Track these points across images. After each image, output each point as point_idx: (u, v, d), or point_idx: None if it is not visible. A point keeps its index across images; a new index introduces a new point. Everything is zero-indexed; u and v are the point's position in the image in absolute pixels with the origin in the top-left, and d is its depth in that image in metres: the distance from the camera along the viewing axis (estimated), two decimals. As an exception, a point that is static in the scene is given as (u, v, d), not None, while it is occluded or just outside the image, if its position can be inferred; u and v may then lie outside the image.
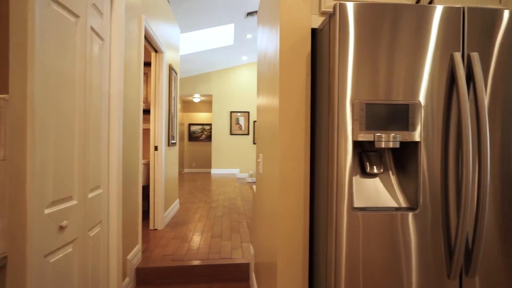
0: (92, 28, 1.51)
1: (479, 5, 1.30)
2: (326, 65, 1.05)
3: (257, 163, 1.91)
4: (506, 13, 1.00)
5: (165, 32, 3.62)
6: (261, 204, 1.80)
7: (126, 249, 2.22)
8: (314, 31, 1.24)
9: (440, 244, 0.96)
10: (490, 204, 0.99)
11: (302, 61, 1.20)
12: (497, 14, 1.00)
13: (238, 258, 2.61)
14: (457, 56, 0.94)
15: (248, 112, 8.81)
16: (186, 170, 10.07)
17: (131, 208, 2.35)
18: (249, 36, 6.55)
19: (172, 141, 4.12)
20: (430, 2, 1.28)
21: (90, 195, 1.52)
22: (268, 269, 1.47)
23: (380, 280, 0.95)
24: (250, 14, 5.49)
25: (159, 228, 3.45)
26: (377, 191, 1.00)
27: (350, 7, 0.95)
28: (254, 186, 2.33)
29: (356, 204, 0.98)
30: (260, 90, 1.88)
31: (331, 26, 1.00)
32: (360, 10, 0.95)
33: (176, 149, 4.48)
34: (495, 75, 1.00)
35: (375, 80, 0.96)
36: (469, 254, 0.95)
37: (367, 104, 0.94)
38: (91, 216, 1.53)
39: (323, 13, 1.24)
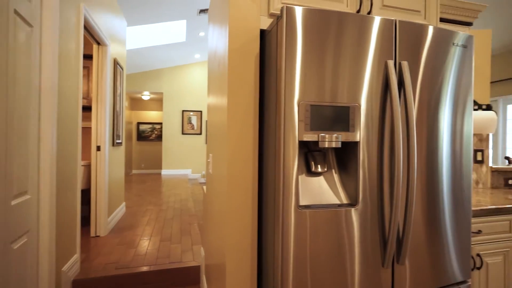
0: (16, 12, 1.33)
1: (408, 19, 1.44)
2: (274, 67, 1.07)
3: (207, 163, 1.88)
4: (430, 29, 1.12)
5: (109, 23, 3.37)
6: (211, 205, 1.77)
7: (61, 260, 2.01)
8: (263, 32, 1.25)
9: (376, 235, 1.04)
10: (418, 198, 1.10)
11: (251, 61, 1.20)
12: (423, 28, 1.11)
13: (189, 261, 2.53)
14: (390, 63, 1.03)
15: (201, 111, 8.64)
16: (134, 172, 9.52)
17: (67, 214, 2.14)
18: (201, 34, 6.43)
19: (118, 141, 3.85)
20: (369, 13, 1.38)
21: (13, 202, 1.34)
22: (218, 270, 1.45)
23: (327, 273, 0.99)
24: (202, 11, 5.39)
25: (101, 235, 3.20)
26: (321, 189, 1.05)
27: (298, 11, 0.98)
28: (205, 187, 2.29)
29: (302, 202, 1.01)
30: (211, 89, 1.85)
31: (278, 28, 1.02)
32: (308, 15, 0.98)
33: (122, 149, 4.20)
34: (422, 82, 1.11)
35: (320, 83, 1.00)
36: (400, 243, 1.05)
37: (311, 105, 0.97)
38: (14, 226, 1.35)
39: (271, 15, 1.26)
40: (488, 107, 2.14)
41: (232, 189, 1.17)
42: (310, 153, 1.07)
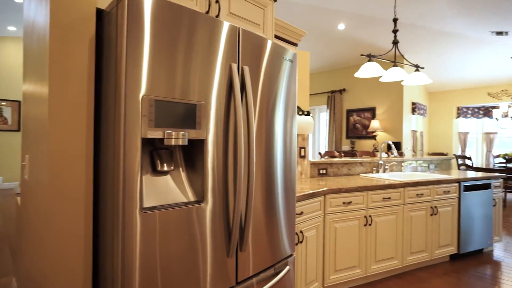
0: None
1: (250, 30, 1.61)
2: (114, 54, 0.94)
3: (23, 166, 1.46)
4: (269, 42, 1.29)
5: None
6: (27, 221, 1.38)
7: None
8: (101, 13, 1.08)
9: (223, 228, 1.09)
10: (258, 189, 1.24)
11: (83, 44, 1.01)
12: (263, 40, 1.26)
13: (-6, 299, 1.90)
14: (234, 67, 1.11)
15: (19, 101, 6.72)
16: None
17: None
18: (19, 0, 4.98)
19: None
20: (217, 16, 1.45)
21: None
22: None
23: (180, 274, 0.95)
24: (19, -28, 4.17)
25: None
26: (168, 189, 1.01)
27: (140, -3, 0.89)
28: (19, 198, 1.77)
29: (147, 204, 0.93)
30: (27, 73, 1.45)
31: (119, 9, 0.90)
32: (158, 5, 0.91)
33: None
34: (263, 87, 1.26)
35: (170, 78, 0.95)
36: (242, 232, 1.15)
37: (156, 100, 0.92)
38: None
39: (111, -5, 1.10)
40: (308, 113, 2.70)
41: (56, 198, 0.95)
42: (156, 151, 1.00)
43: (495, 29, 4.72)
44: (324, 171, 2.81)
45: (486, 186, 2.97)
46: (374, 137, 6.56)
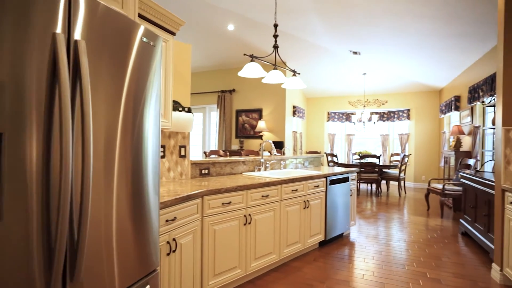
0: None
1: (103, 2, 1.32)
2: None
3: None
4: (123, 17, 1.04)
5: None
6: None
7: None
8: None
9: (40, 253, 0.80)
10: (124, 197, 0.98)
11: None
12: (117, 15, 1.01)
13: None
14: (60, 38, 0.83)
15: None
16: None
17: None
18: None
19: None
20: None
21: None
22: None
23: None
24: None
25: None
26: None
27: None
28: None
29: None
30: None
31: None
32: None
33: None
34: (108, 70, 1.01)
35: None
36: (75, 256, 0.87)
37: None
38: None
39: None
40: (189, 110, 2.52)
41: None
42: None
43: (353, 48, 5.68)
44: (207, 171, 2.69)
45: (346, 180, 3.48)
46: (261, 137, 6.94)
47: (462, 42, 4.44)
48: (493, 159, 3.72)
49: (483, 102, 4.08)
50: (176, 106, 2.43)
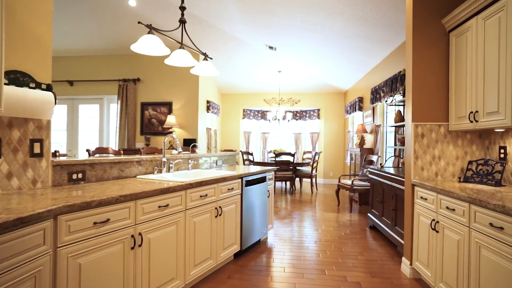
0: None
1: None
2: None
3: None
4: None
5: None
6: None
7: None
8: None
9: None
10: None
11: None
12: None
13: None
14: None
15: None
16: None
17: None
18: None
19: None
20: None
21: None
22: None
23: None
24: None
25: None
26: None
27: None
28: None
29: None
30: None
31: None
32: None
33: None
34: None
35: None
36: None
37: None
38: None
39: None
40: (49, 87, 1.73)
41: None
42: None
43: (269, 43, 5.49)
44: (81, 176, 1.93)
45: (263, 180, 3.14)
46: (171, 134, 6.16)
47: (366, 43, 4.68)
48: (394, 156, 3.99)
49: (386, 101, 4.36)
50: (25, 80, 1.62)
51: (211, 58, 3.07)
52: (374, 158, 4.79)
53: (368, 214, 3.87)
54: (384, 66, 5.02)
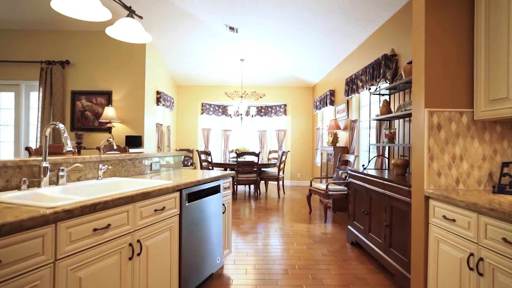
0: None
1: None
2: None
3: None
4: None
5: None
6: None
7: None
8: None
9: None
10: None
11: None
12: None
13: None
14: None
15: None
16: None
17: None
18: None
19: None
20: None
21: None
22: None
23: None
24: None
25: None
26: None
27: None
28: None
29: None
30: None
31: None
32: None
33: None
34: None
35: None
36: None
37: None
38: None
39: None
40: None
41: None
42: None
43: (229, 23, 4.61)
44: None
45: (216, 190, 2.26)
46: (110, 130, 5.01)
47: (341, 22, 4.00)
48: (378, 155, 3.34)
49: (370, 89, 3.70)
50: None
51: (140, 17, 2.12)
52: (350, 158, 4.14)
53: (349, 226, 3.17)
54: (361, 51, 4.39)
